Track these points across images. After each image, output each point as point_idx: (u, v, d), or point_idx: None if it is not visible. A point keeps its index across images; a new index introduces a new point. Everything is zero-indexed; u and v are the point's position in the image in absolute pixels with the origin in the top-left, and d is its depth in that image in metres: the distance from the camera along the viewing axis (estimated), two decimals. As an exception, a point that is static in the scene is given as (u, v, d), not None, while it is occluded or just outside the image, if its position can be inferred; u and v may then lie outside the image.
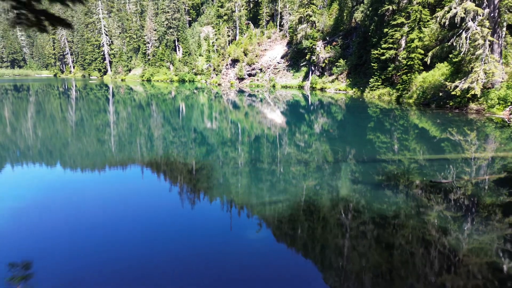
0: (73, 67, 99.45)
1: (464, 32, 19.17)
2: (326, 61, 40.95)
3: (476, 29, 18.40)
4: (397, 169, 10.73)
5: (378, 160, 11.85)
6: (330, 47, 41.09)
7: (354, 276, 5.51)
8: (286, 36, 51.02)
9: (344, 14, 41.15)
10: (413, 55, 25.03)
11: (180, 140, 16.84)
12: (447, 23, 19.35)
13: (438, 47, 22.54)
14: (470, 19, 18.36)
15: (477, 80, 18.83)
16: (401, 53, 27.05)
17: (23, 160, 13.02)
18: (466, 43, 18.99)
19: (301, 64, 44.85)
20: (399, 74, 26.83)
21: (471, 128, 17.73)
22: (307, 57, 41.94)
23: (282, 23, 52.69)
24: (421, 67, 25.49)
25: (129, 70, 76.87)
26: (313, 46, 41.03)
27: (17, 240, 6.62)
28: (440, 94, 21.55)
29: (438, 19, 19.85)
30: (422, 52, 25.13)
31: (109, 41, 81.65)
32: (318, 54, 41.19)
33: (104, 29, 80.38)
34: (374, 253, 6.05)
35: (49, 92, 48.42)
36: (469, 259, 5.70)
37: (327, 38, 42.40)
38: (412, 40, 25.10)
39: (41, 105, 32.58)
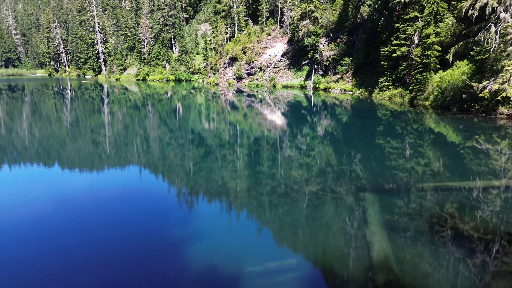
0: (68, 66, 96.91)
1: (493, 25, 16.67)
2: (330, 59, 38.43)
3: (509, 21, 15.90)
4: (428, 201, 8.25)
5: (393, 177, 9.42)
6: (334, 45, 38.56)
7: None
8: (287, 33, 48.46)
9: (349, 9, 38.59)
10: (429, 52, 22.50)
11: (176, 142, 16.34)
12: (475, 14, 16.85)
13: (462, 42, 20.02)
14: (502, 10, 15.86)
15: (509, 80, 16.34)
16: (415, 50, 24.52)
17: (15, 161, 12.82)
18: (496, 37, 16.49)
19: (303, 63, 42.37)
20: (412, 73, 24.32)
21: (501, 136, 15.32)
22: (309, 55, 39.49)
23: (282, 20, 50.13)
24: (438, 66, 23.00)
25: (124, 69, 74.31)
26: (316, 44, 38.55)
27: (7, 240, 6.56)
28: (464, 96, 19.04)
29: (464, 9, 17.33)
30: (439, 48, 22.63)
31: (103, 39, 79.05)
32: (321, 52, 38.70)
33: (98, 26, 77.77)
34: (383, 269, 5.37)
35: (44, 92, 46.38)
36: None
37: (331, 35, 39.86)
38: (428, 36, 22.57)
39: (35, 106, 31.18)
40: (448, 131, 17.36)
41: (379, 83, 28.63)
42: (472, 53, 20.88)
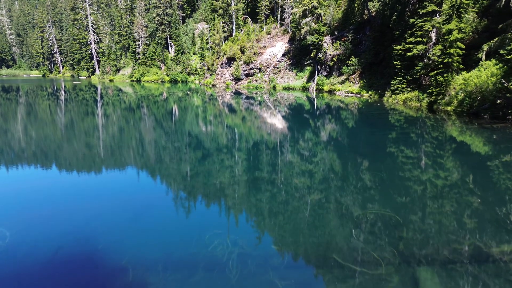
0: (62, 67, 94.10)
1: (537, 17, 13.90)
2: (335, 59, 35.65)
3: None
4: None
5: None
6: (339, 43, 35.78)
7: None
8: (288, 32, 45.72)
9: (355, 5, 35.83)
10: (451, 51, 19.71)
11: (172, 145, 15.93)
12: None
13: (496, 39, 17.25)
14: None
15: (557, 83, 13.55)
16: (435, 48, 21.72)
17: (8, 163, 12.69)
18: (541, 32, 13.73)
19: (306, 63, 39.60)
20: (431, 74, 21.53)
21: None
22: (312, 55, 36.76)
23: (283, 17, 47.35)
24: (461, 66, 20.24)
25: (118, 70, 71.49)
26: (319, 42, 35.80)
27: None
28: (498, 101, 16.24)
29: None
30: (463, 46, 19.86)
31: (97, 39, 76.23)
32: (325, 51, 35.93)
33: (92, 25, 74.98)
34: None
35: (37, 94, 44.05)
36: None
37: (336, 33, 37.08)
38: (450, 32, 19.78)
39: (30, 108, 29.50)
40: (474, 140, 14.89)
41: (391, 85, 25.77)
42: (501, 51, 18.16)
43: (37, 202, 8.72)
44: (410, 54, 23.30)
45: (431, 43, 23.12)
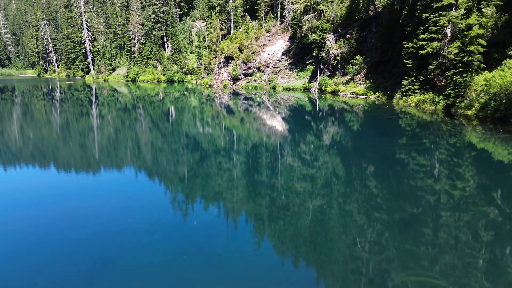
0: (58, 66, 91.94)
1: None
2: (338, 58, 33.58)
3: None
4: None
5: None
6: (343, 41, 33.69)
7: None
8: (288, 29, 43.66)
9: (360, 1, 33.74)
10: (472, 48, 17.67)
11: (169, 147, 15.65)
12: None
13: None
14: None
15: None
16: (452, 45, 19.62)
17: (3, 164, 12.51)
18: None
19: (307, 62, 37.55)
20: (448, 74, 19.44)
21: None
22: (314, 53, 34.77)
23: (283, 14, 45.27)
24: (483, 65, 18.20)
25: (113, 70, 69.34)
26: (322, 40, 33.79)
27: None
28: (531, 105, 14.22)
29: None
30: (484, 43, 17.82)
31: (91, 38, 74.02)
32: (328, 50, 33.86)
33: (86, 24, 72.82)
34: None
35: (26, 95, 42.34)
36: None
37: (339, 30, 34.97)
38: (470, 27, 17.74)
39: (26, 109, 28.61)
40: (497, 148, 13.18)
41: (402, 86, 23.63)
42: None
43: (31, 202, 8.77)
44: (423, 52, 21.20)
45: (446, 40, 21.07)
